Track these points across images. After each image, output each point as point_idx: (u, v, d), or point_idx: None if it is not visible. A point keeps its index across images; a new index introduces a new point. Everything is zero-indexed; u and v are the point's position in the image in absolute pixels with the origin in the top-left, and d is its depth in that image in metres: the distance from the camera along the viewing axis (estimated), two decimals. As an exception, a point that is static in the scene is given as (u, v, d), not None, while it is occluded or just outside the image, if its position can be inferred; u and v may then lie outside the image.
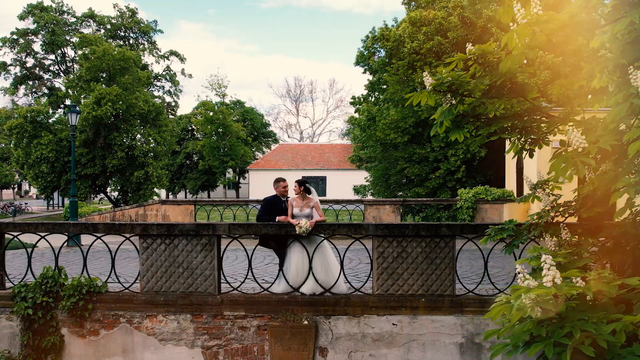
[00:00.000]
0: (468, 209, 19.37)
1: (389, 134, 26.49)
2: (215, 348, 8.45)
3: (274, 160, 62.29)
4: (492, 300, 8.23)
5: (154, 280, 8.53)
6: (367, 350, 8.32)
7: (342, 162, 61.74)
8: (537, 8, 4.90)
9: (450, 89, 5.96)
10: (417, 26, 27.10)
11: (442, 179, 25.90)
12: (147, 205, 20.60)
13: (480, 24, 25.89)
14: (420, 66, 26.12)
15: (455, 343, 8.25)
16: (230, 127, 60.48)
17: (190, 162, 67.64)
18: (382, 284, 8.33)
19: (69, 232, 8.71)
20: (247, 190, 64.11)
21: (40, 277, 8.61)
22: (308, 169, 59.76)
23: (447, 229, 8.28)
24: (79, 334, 8.60)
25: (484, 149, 25.79)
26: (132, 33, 50.43)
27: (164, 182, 36.19)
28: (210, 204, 20.19)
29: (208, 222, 8.62)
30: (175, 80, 52.97)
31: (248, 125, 69.92)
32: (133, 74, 33.10)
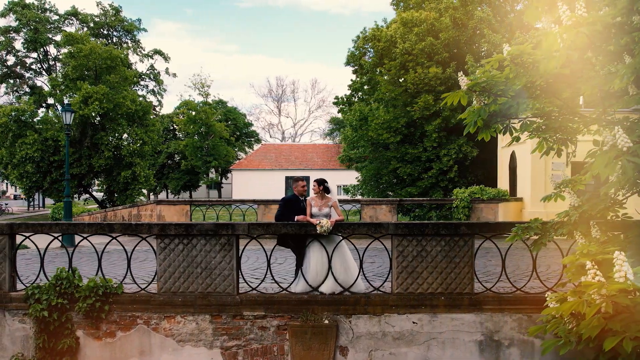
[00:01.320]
0: (464, 208, 19.54)
1: (381, 134, 26.62)
2: (234, 348, 8.40)
3: (257, 160, 62.13)
4: (510, 298, 8.36)
5: (171, 280, 8.45)
6: (387, 348, 8.34)
7: (326, 162, 61.86)
8: (581, 10, 4.97)
9: (484, 89, 5.99)
10: (408, 27, 27.25)
11: (435, 178, 26.10)
12: (141, 206, 20.39)
13: (472, 25, 26.14)
14: (412, 66, 26.28)
15: (475, 341, 8.32)
16: (214, 126, 60.19)
17: (172, 162, 67.08)
18: (401, 283, 8.36)
19: (85, 232, 8.55)
20: (230, 190, 63.89)
21: (54, 279, 8.47)
22: (291, 169, 59.75)
23: (466, 228, 8.35)
24: (94, 335, 8.48)
25: (475, 149, 26.05)
26: (116, 31, 49.81)
27: (152, 182, 35.89)
28: (206, 204, 20.08)
29: (227, 222, 8.57)
30: (160, 80, 52.46)
31: (231, 125, 69.63)
32: (120, 73, 32.71)
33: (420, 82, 25.83)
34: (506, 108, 5.96)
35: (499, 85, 6.01)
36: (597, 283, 3.94)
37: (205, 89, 68.63)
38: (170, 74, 53.51)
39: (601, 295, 3.89)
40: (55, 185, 33.19)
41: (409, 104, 26.60)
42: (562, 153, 6.81)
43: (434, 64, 26.06)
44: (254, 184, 58.16)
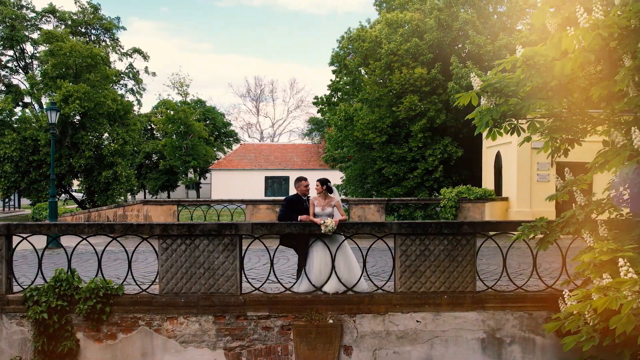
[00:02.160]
0: (451, 207, 19.73)
1: (367, 134, 26.72)
2: (238, 349, 8.36)
3: (236, 160, 61.85)
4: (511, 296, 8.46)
5: (173, 281, 8.37)
6: (391, 347, 8.38)
7: (305, 162, 61.84)
8: (599, 13, 5.06)
9: (496, 90, 6.07)
10: (393, 27, 27.41)
11: (420, 178, 26.29)
12: (126, 206, 20.13)
13: (456, 26, 26.38)
14: (397, 67, 26.43)
15: (477, 338, 8.41)
16: (193, 126, 59.67)
17: (150, 162, 66.32)
18: (405, 282, 8.42)
19: (84, 233, 8.41)
20: (209, 190, 63.47)
21: (53, 280, 8.32)
22: (271, 169, 59.67)
23: (468, 227, 8.43)
24: (95, 338, 8.36)
25: (460, 149, 26.31)
26: (94, 29, 49.10)
27: (133, 182, 35.45)
28: (194, 204, 19.92)
29: (230, 222, 8.52)
30: (139, 79, 51.90)
31: (209, 124, 69.12)
32: (101, 72, 32.24)
33: (406, 82, 26.00)
34: (518, 109, 6.04)
35: (510, 86, 6.08)
36: (631, 280, 4.02)
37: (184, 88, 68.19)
38: (149, 73, 53.07)
39: (633, 292, 3.98)
40: (35, 186, 32.59)
41: (394, 104, 26.75)
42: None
43: (419, 65, 26.26)
44: (234, 184, 57.91)
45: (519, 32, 26.71)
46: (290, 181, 59.91)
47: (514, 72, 6.34)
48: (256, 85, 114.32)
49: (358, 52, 29.02)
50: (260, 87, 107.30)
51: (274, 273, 8.62)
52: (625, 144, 5.60)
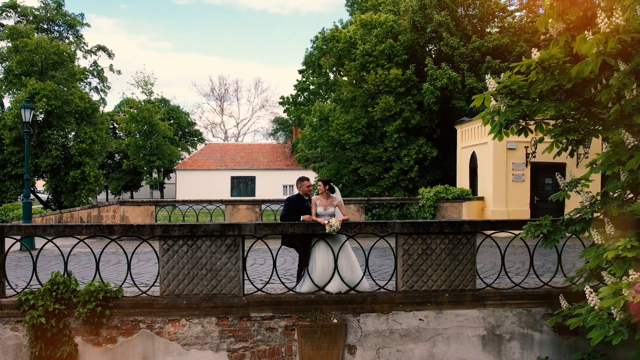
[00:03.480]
0: (430, 207, 19.99)
1: (343, 134, 26.82)
2: (241, 350, 8.29)
3: (201, 160, 61.26)
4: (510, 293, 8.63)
5: (175, 283, 8.25)
6: (394, 346, 8.46)
7: (272, 162, 61.75)
8: (619, 18, 5.22)
9: (510, 92, 6.19)
10: (367, 28, 27.58)
11: (395, 178, 26.53)
12: (102, 207, 19.68)
13: (431, 28, 26.74)
14: (373, 68, 26.60)
15: (478, 335, 8.56)
16: (157, 125, 58.74)
17: (113, 161, 65.02)
18: (407, 281, 8.50)
19: (82, 235, 8.20)
20: (174, 190, 62.66)
21: (49, 283, 8.10)
22: (237, 169, 59.41)
23: (469, 226, 8.57)
24: (94, 342, 8.16)
25: (435, 149, 26.67)
26: (57, 26, 47.78)
27: (102, 182, 34.64)
28: (172, 204, 19.63)
29: (233, 223, 8.41)
30: (103, 77, 50.70)
31: (174, 124, 68.19)
32: (68, 69, 31.37)
33: (381, 83, 26.20)
34: (532, 110, 6.17)
35: (523, 88, 6.21)
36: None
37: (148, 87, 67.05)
38: (114, 71, 51.93)
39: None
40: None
41: (370, 104, 26.94)
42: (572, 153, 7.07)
43: (393, 66, 26.50)
44: (199, 184, 57.40)
45: (490, 35, 27.27)
46: (256, 181, 59.75)
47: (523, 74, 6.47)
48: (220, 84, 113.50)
49: (332, 53, 29.09)
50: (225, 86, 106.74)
51: (277, 273, 8.59)
52: (637, 145, 5.78)
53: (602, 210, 6.50)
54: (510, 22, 28.63)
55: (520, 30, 26.95)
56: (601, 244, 6.49)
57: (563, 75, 5.88)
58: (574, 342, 8.55)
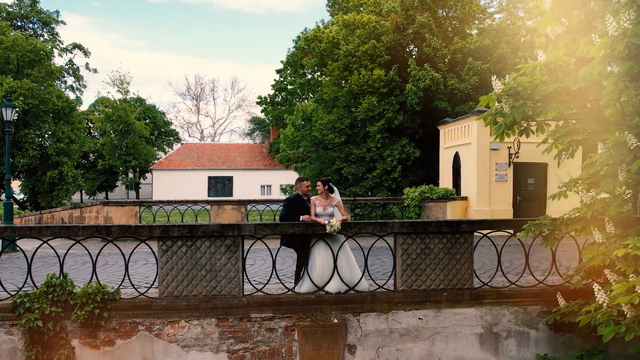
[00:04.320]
0: (415, 207, 20.14)
1: (326, 134, 26.85)
2: (241, 352, 8.25)
3: (178, 160, 60.80)
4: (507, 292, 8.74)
5: (174, 284, 8.17)
6: (394, 345, 8.51)
7: (249, 162, 61.59)
8: (627, 22, 5.34)
9: (516, 93, 6.29)
10: (350, 29, 27.66)
11: (379, 178, 26.65)
12: (84, 207, 19.36)
13: (413, 29, 26.94)
14: (356, 68, 26.69)
15: (476, 334, 8.66)
16: (133, 125, 58.02)
17: (87, 161, 64.01)
18: (406, 280, 8.56)
19: (78, 236, 8.06)
20: (150, 190, 62.02)
21: (45, 286, 7.95)
22: (214, 169, 59.15)
23: (467, 226, 8.68)
24: (91, 345, 8.04)
25: (417, 150, 26.87)
26: (31, 23, 46.85)
27: (80, 183, 34.06)
28: (157, 204, 19.42)
29: (233, 223, 8.36)
30: (79, 75, 49.88)
31: (150, 123, 67.45)
32: (45, 67, 30.77)
33: (364, 83, 26.31)
34: (537, 112, 6.27)
35: (527, 90, 6.31)
36: None
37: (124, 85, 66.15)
38: (90, 70, 51.11)
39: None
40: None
41: (353, 104, 27.03)
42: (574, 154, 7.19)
43: (376, 66, 26.63)
44: (176, 184, 56.97)
45: (471, 37, 27.60)
46: (233, 181, 59.52)
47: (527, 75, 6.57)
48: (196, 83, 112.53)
49: (315, 53, 29.10)
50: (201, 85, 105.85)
51: (276, 274, 8.58)
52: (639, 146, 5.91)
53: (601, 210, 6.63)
54: (490, 24, 29.02)
55: (501, 32, 27.32)
56: (602, 242, 6.63)
57: (568, 77, 5.97)
58: (569, 339, 8.70)
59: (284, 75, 54.11)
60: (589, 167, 7.41)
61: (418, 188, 20.86)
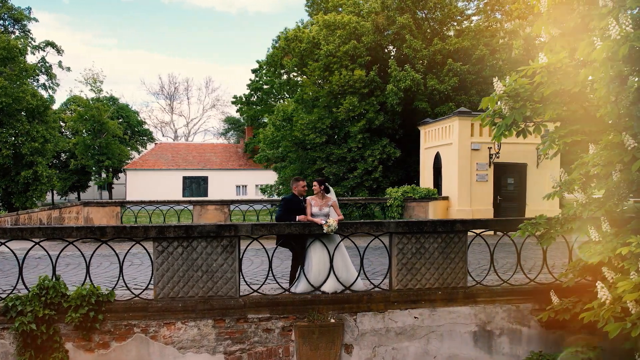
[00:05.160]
0: (398, 207, 20.28)
1: (307, 134, 26.84)
2: (238, 352, 8.21)
3: (152, 159, 60.20)
4: (499, 290, 8.86)
5: (170, 285, 8.09)
6: (390, 344, 8.56)
7: (224, 162, 61.32)
8: (628, 26, 5.47)
9: (516, 94, 6.39)
10: (331, 29, 27.71)
11: (360, 178, 26.75)
12: (63, 208, 18.99)
13: (393, 30, 27.11)
14: (337, 68, 26.75)
15: (470, 332, 8.77)
16: (106, 124, 57.15)
17: (59, 161, 62.84)
18: (401, 279, 8.62)
19: (72, 237, 7.92)
20: (124, 191, 61.24)
21: (37, 288, 7.79)
22: (189, 169, 58.77)
23: (461, 225, 8.78)
24: (85, 348, 7.90)
25: (398, 150, 27.05)
26: (2, 19, 45.74)
27: (54, 183, 33.40)
28: (139, 204, 19.16)
29: (229, 223, 8.32)
30: (52, 74, 48.90)
31: (123, 123, 66.59)
32: (19, 65, 30.07)
33: (345, 84, 26.39)
34: (538, 113, 6.38)
35: (527, 91, 6.41)
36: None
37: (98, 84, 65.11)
38: (64, 68, 50.14)
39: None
40: None
41: (334, 105, 27.09)
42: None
43: (357, 67, 26.73)
44: (150, 184, 56.39)
45: (451, 38, 27.92)
46: (209, 181, 59.13)
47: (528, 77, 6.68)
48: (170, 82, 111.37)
49: (295, 53, 29.08)
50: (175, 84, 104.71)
51: (273, 274, 8.55)
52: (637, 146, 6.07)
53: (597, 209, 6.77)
54: (469, 26, 29.38)
55: (479, 33, 27.68)
56: (599, 241, 6.77)
57: (568, 79, 6.09)
58: (560, 336, 8.88)
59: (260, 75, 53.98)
60: (580, 167, 7.54)
61: (400, 188, 21.01)
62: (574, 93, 6.31)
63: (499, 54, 27.13)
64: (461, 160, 20.53)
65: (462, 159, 20.54)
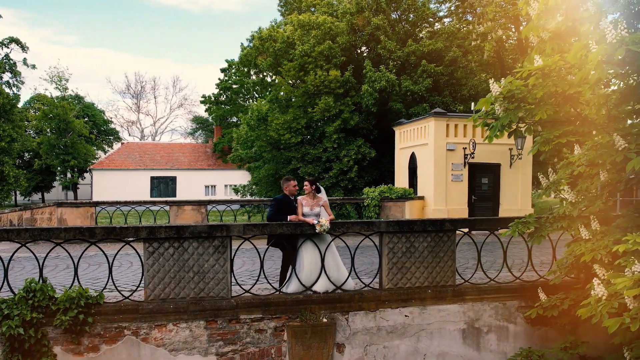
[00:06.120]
0: (375, 206, 20.41)
1: (283, 134, 26.78)
2: (230, 354, 8.15)
3: (119, 159, 59.20)
4: (487, 288, 9.02)
5: (160, 286, 7.98)
6: (381, 342, 8.63)
7: (193, 162, 60.71)
8: (624, 31, 5.65)
9: (512, 96, 6.52)
10: (305, 29, 27.71)
11: (335, 178, 26.82)
12: (35, 209, 18.50)
13: (368, 31, 27.26)
14: (312, 68, 26.77)
15: (459, 329, 8.91)
16: (72, 123, 55.92)
17: (22, 161, 61.19)
18: (392, 278, 8.70)
19: (60, 238, 7.74)
20: (89, 191, 60.06)
21: (24, 291, 7.59)
22: (157, 169, 57.98)
23: (450, 224, 8.90)
24: (75, 351, 7.73)
25: (373, 150, 27.22)
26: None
27: (22, 183, 32.49)
28: (114, 205, 18.78)
29: (221, 223, 8.24)
30: (17, 71, 47.54)
31: (89, 122, 65.27)
32: (-17, 61, 29.17)
33: (320, 84, 26.43)
34: (531, 115, 6.52)
35: (522, 93, 6.55)
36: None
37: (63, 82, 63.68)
38: (29, 65, 48.77)
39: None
40: None
41: (309, 104, 27.10)
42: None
43: (332, 67, 26.81)
44: (117, 184, 55.49)
45: (424, 40, 28.24)
46: (177, 181, 58.46)
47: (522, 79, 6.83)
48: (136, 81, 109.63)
49: (269, 52, 28.98)
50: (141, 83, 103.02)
51: (264, 274, 8.52)
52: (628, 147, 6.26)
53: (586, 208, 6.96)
54: (442, 28, 29.78)
55: (452, 35, 28.08)
56: (589, 239, 6.96)
57: (563, 81, 6.25)
58: (545, 333, 9.10)
59: (229, 75, 53.67)
60: (566, 167, 7.74)
61: (377, 188, 21.15)
62: (568, 95, 6.46)
63: (471, 55, 27.57)
64: (437, 160, 20.80)
65: (438, 159, 20.81)
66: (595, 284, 5.66)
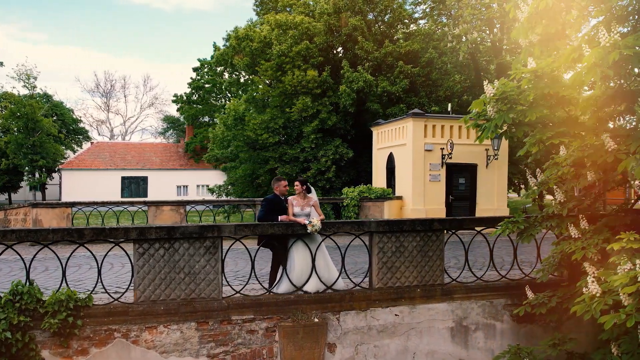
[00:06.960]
0: (354, 206, 20.49)
1: (261, 134, 26.67)
2: (222, 355, 8.10)
3: (89, 159, 58.20)
4: (474, 286, 9.15)
5: (151, 288, 7.89)
6: (372, 342, 8.68)
7: (165, 162, 60.07)
8: (617, 35, 5.80)
9: (505, 97, 6.63)
10: (283, 29, 27.67)
11: (313, 178, 26.84)
12: (9, 209, 18.03)
13: (345, 32, 27.35)
14: (289, 68, 26.73)
15: (447, 327, 9.02)
16: (40, 122, 54.71)
17: (-13, 161, 59.60)
18: (382, 278, 8.76)
19: (47, 240, 7.58)
20: (58, 191, 58.90)
21: (11, 294, 7.42)
22: (128, 169, 57.19)
23: (438, 224, 9.01)
24: (63, 355, 7.58)
25: (350, 150, 27.32)
26: None
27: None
28: (91, 205, 18.42)
29: (212, 224, 8.17)
30: (-18, 68, 46.33)
31: (58, 121, 63.96)
32: (-50, 58, 28.28)
33: (298, 84, 26.43)
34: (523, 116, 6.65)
35: (515, 95, 6.67)
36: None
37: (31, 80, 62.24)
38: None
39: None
40: None
41: (286, 105, 27.08)
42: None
43: (310, 67, 26.83)
44: (87, 184, 54.56)
45: (400, 41, 28.47)
46: (148, 181, 57.75)
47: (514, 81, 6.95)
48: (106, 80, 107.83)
49: (246, 52, 28.84)
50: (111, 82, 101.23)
51: (255, 275, 8.49)
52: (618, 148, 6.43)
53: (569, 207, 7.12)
54: (418, 29, 30.07)
55: (428, 37, 28.38)
56: (578, 237, 7.13)
57: (556, 83, 6.38)
58: (530, 330, 9.28)
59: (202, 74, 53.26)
60: (552, 168, 7.91)
61: (356, 188, 21.24)
62: (560, 97, 6.61)
63: (446, 56, 27.91)
64: (415, 160, 20.99)
65: (416, 159, 21.00)
66: (589, 281, 5.80)
